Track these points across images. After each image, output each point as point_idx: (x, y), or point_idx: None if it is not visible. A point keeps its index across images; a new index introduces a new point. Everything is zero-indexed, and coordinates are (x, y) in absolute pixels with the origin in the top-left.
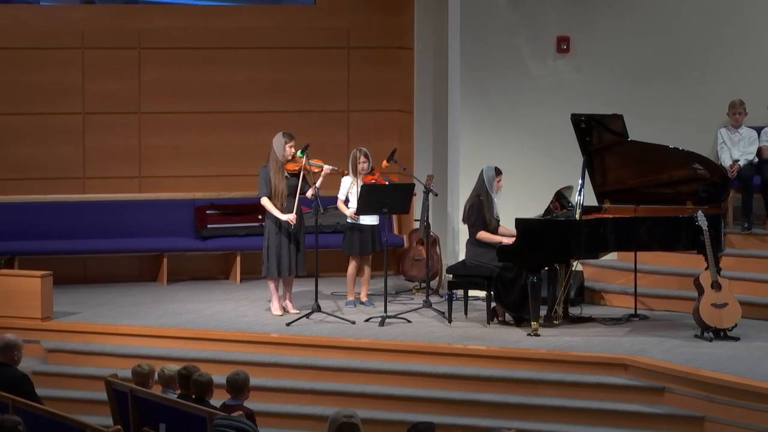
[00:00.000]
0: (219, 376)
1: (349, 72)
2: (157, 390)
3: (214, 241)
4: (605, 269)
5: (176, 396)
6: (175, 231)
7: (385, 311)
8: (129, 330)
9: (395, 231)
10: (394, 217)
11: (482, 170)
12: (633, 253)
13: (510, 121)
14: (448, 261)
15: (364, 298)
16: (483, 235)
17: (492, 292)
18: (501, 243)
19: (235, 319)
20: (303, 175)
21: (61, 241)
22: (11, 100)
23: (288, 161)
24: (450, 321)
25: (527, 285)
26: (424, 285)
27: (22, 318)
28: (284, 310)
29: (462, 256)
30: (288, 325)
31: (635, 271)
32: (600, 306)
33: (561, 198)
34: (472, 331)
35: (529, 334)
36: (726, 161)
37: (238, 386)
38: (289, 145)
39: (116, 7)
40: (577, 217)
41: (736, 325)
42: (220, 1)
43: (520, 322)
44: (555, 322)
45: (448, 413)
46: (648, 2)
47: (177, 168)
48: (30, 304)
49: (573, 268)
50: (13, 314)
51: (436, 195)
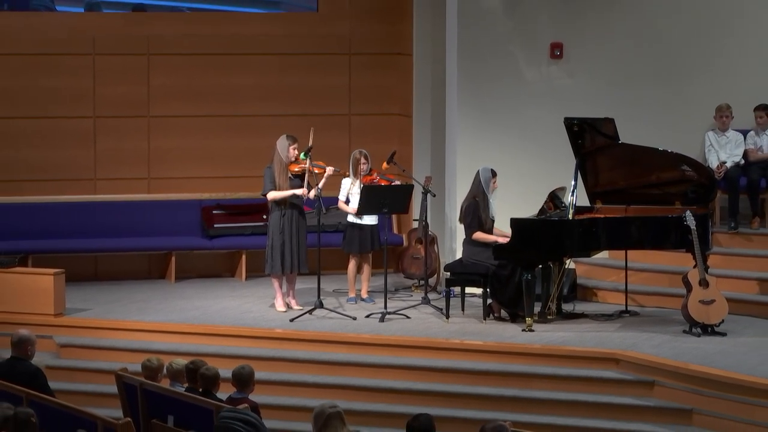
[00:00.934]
0: (225, 370)
1: (351, 77)
2: (165, 383)
3: (220, 240)
4: (597, 267)
5: (184, 389)
6: (182, 230)
7: (385, 307)
8: (138, 326)
9: (395, 230)
10: (394, 216)
11: (478, 171)
12: (624, 252)
13: (505, 125)
14: (445, 259)
15: (364, 295)
16: (479, 235)
17: (488, 290)
18: (496, 243)
19: (240, 315)
20: (306, 175)
21: (73, 239)
22: (25, 104)
23: (291, 163)
24: (447, 317)
25: (522, 282)
26: (422, 282)
27: (35, 314)
28: (288, 306)
29: (459, 255)
30: (291, 320)
31: (626, 268)
32: (592, 302)
33: (554, 198)
34: (469, 326)
35: (523, 330)
36: (713, 163)
37: (243, 380)
38: (292, 147)
39: (126, 15)
40: (570, 216)
41: (723, 321)
42: (227, 7)
43: (515, 318)
44: (549, 318)
45: (446, 406)
46: (638, 10)
47: (185, 170)
48: (43, 300)
49: (566, 266)
50: (27, 310)
51: (434, 196)
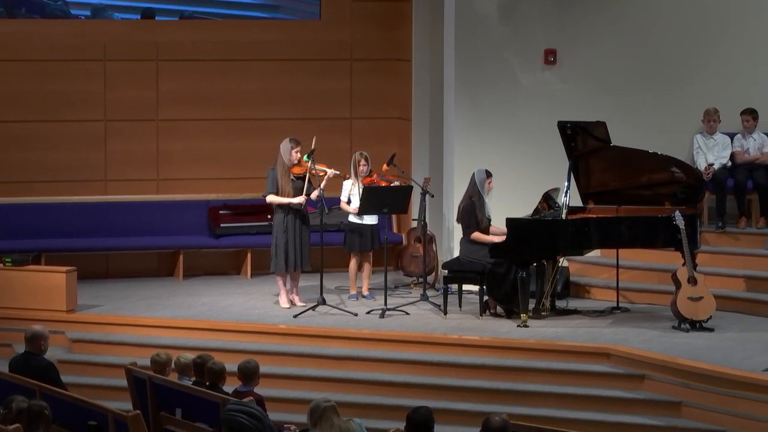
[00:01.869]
0: (231, 365)
1: (352, 82)
2: (173, 377)
3: (226, 239)
4: (589, 265)
5: (191, 383)
6: (190, 230)
7: (385, 304)
8: (148, 321)
9: (394, 230)
10: (394, 216)
11: (473, 173)
12: (615, 250)
13: (501, 128)
14: (443, 257)
15: (365, 292)
16: (476, 236)
17: (484, 287)
18: (493, 242)
19: (246, 311)
20: (308, 177)
21: (84, 238)
22: (39, 108)
23: (294, 165)
24: (445, 313)
25: (517, 280)
26: (421, 280)
27: (48, 310)
28: (291, 302)
29: (456, 253)
30: (295, 317)
31: (617, 266)
32: (584, 299)
33: (548, 199)
34: (466, 322)
35: (518, 326)
36: (701, 165)
37: (249, 373)
38: (295, 150)
39: (136, 22)
40: (564, 216)
41: (710, 317)
42: (231, 11)
43: (511, 314)
44: (543, 314)
45: (443, 399)
46: (629, 18)
47: (192, 171)
48: (56, 297)
49: (559, 264)
50: (40, 307)
51: (433, 196)
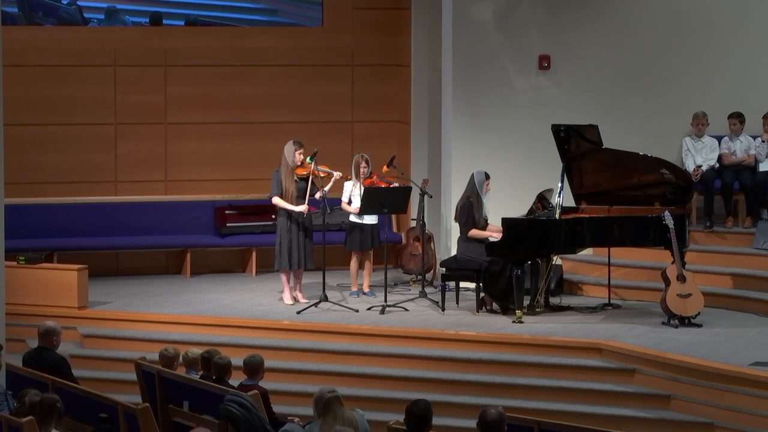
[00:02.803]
0: (237, 359)
1: (353, 87)
2: (181, 371)
3: (232, 238)
4: (582, 263)
5: (199, 377)
6: (197, 229)
7: (385, 301)
8: (156, 317)
9: (394, 229)
10: (393, 216)
11: (473, 174)
12: (607, 249)
13: (497, 131)
14: (441, 256)
15: (366, 289)
16: (473, 232)
17: (481, 284)
18: (489, 239)
19: (251, 307)
20: (311, 179)
21: (95, 237)
22: (51, 112)
23: (297, 167)
24: (443, 309)
25: (512, 277)
26: (420, 277)
27: (60, 307)
28: (295, 299)
29: (454, 252)
30: (298, 313)
31: (609, 264)
32: (577, 296)
33: (542, 199)
34: (463, 318)
35: (513, 321)
36: (690, 167)
37: (254, 368)
38: (298, 152)
39: (145, 29)
40: (557, 216)
41: (699, 313)
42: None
43: (506, 310)
44: (537, 310)
45: (441, 392)
46: (620, 25)
47: (199, 172)
48: (67, 294)
49: (553, 262)
50: (53, 303)
51: (431, 197)
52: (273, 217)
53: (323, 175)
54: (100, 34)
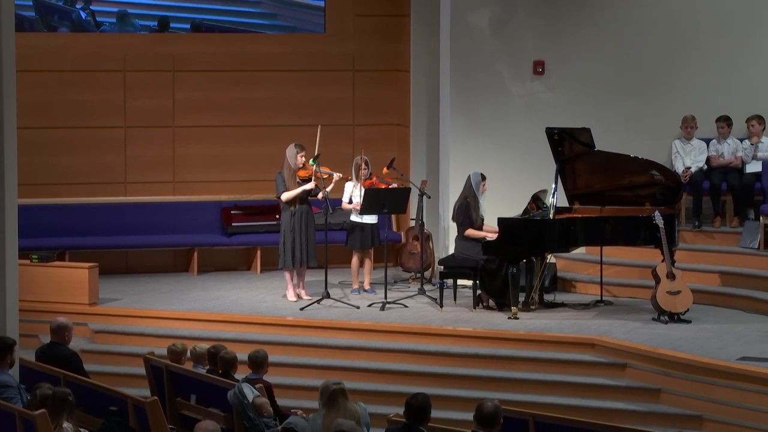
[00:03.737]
0: (242, 354)
1: (354, 91)
2: (188, 366)
3: (237, 237)
4: (575, 261)
5: (205, 371)
6: (204, 228)
7: (385, 298)
8: (164, 314)
9: (394, 228)
10: (393, 216)
11: (469, 175)
12: (599, 248)
13: (493, 134)
14: (439, 254)
15: (367, 287)
16: (470, 232)
17: (477, 281)
18: (486, 238)
19: (255, 304)
20: (313, 180)
21: (105, 237)
22: (63, 115)
23: (299, 168)
24: (441, 306)
25: (508, 275)
26: (419, 275)
27: (72, 303)
28: (298, 296)
29: (452, 250)
30: (301, 309)
31: (601, 263)
32: (571, 293)
33: (537, 200)
34: (461, 314)
35: (509, 318)
36: (679, 168)
37: (258, 362)
38: (300, 154)
39: (153, 35)
40: (551, 216)
41: (688, 309)
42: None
43: (502, 307)
44: (532, 307)
45: (440, 386)
46: (612, 31)
47: (206, 174)
48: (79, 291)
49: (547, 261)
50: (65, 300)
51: (429, 197)
52: (277, 217)
53: (325, 176)
54: (110, 41)
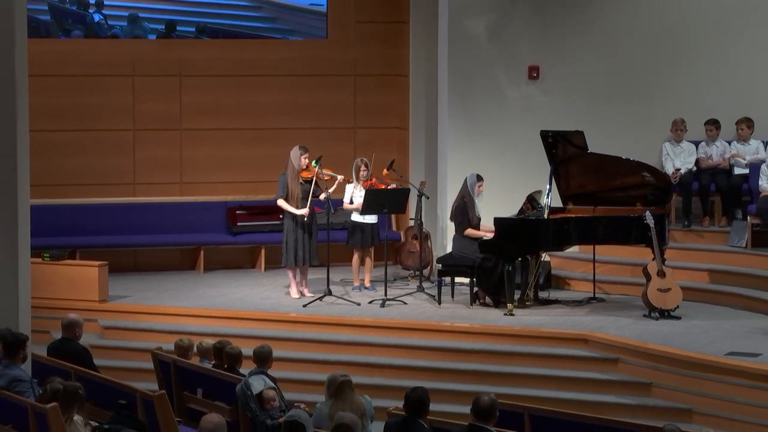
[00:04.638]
0: (247, 349)
1: (356, 95)
2: (195, 360)
3: (242, 237)
4: (569, 260)
5: (211, 366)
6: (210, 228)
7: (385, 295)
8: (172, 310)
9: (393, 228)
10: (393, 216)
11: (466, 177)
12: (592, 246)
13: (489, 136)
14: (437, 253)
15: (367, 284)
16: (468, 231)
17: (474, 279)
18: (482, 238)
19: (260, 301)
20: (315, 181)
21: (115, 236)
22: (74, 119)
23: (302, 170)
24: (439, 303)
25: (504, 273)
26: (417, 273)
27: (82, 300)
28: (301, 293)
29: (449, 249)
30: (304, 306)
31: (594, 261)
32: (564, 290)
33: (532, 200)
34: (458, 311)
35: (505, 314)
36: (669, 170)
37: (263, 357)
38: (303, 156)
39: (161, 41)
40: (546, 216)
41: (678, 306)
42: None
43: (498, 303)
44: (527, 303)
45: (438, 380)
46: (604, 37)
47: (212, 175)
48: (89, 288)
49: (542, 259)
50: (75, 297)
51: (428, 198)
52: (280, 216)
53: (327, 178)
54: (119, 47)
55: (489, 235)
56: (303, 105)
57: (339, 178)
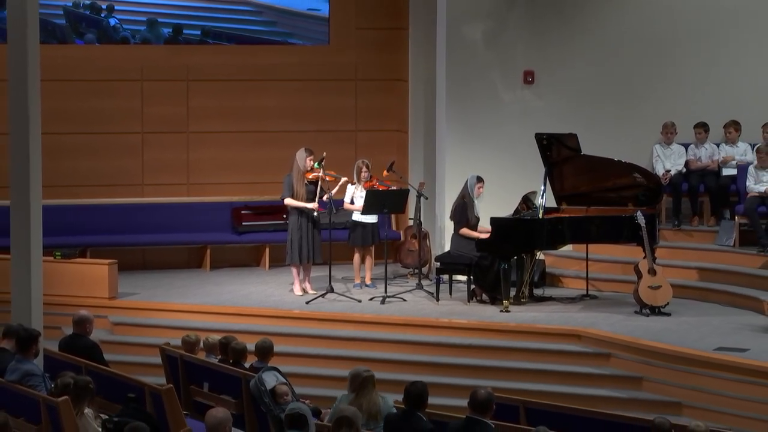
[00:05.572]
0: (252, 345)
1: (357, 99)
2: (201, 355)
3: (247, 236)
4: (563, 258)
5: (217, 360)
6: (216, 227)
7: (385, 292)
8: (179, 307)
9: (393, 227)
10: (393, 215)
11: (468, 178)
12: (585, 245)
13: (486, 139)
14: (436, 251)
15: (368, 282)
16: (465, 231)
17: (472, 277)
18: (479, 238)
19: (264, 298)
20: (319, 182)
21: (124, 235)
22: (84, 122)
23: (307, 171)
24: (438, 300)
25: (500, 271)
26: (416, 271)
27: (93, 297)
28: (304, 290)
29: (448, 248)
30: (307, 303)
31: (587, 259)
32: (558, 288)
33: (527, 201)
34: (456, 308)
35: (501, 311)
36: (660, 171)
37: (264, 351)
38: (309, 158)
39: (169, 47)
40: (540, 216)
41: (668, 303)
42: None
43: (494, 300)
44: (522, 300)
45: (436, 374)
46: (596, 43)
47: (218, 176)
48: (99, 286)
49: (537, 257)
50: (86, 294)
51: (427, 198)
52: (284, 216)
53: (330, 179)
54: (129, 53)
55: (485, 236)
56: (306, 108)
57: (342, 179)
